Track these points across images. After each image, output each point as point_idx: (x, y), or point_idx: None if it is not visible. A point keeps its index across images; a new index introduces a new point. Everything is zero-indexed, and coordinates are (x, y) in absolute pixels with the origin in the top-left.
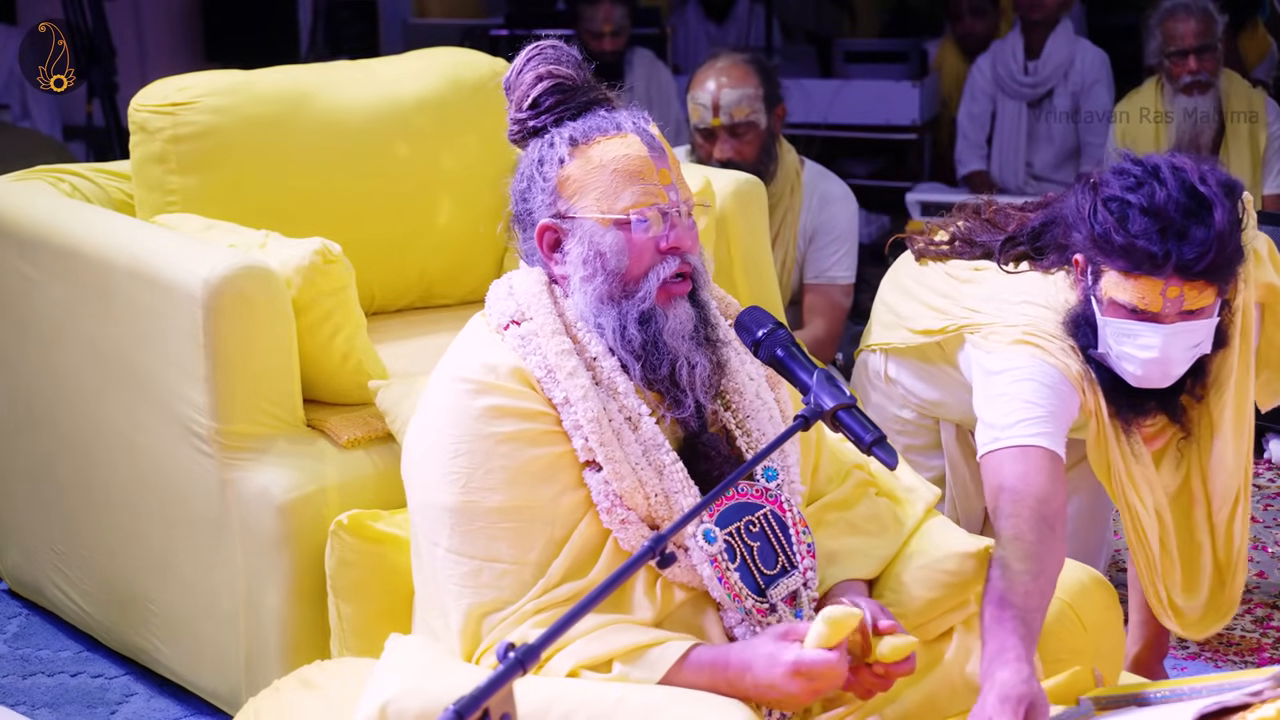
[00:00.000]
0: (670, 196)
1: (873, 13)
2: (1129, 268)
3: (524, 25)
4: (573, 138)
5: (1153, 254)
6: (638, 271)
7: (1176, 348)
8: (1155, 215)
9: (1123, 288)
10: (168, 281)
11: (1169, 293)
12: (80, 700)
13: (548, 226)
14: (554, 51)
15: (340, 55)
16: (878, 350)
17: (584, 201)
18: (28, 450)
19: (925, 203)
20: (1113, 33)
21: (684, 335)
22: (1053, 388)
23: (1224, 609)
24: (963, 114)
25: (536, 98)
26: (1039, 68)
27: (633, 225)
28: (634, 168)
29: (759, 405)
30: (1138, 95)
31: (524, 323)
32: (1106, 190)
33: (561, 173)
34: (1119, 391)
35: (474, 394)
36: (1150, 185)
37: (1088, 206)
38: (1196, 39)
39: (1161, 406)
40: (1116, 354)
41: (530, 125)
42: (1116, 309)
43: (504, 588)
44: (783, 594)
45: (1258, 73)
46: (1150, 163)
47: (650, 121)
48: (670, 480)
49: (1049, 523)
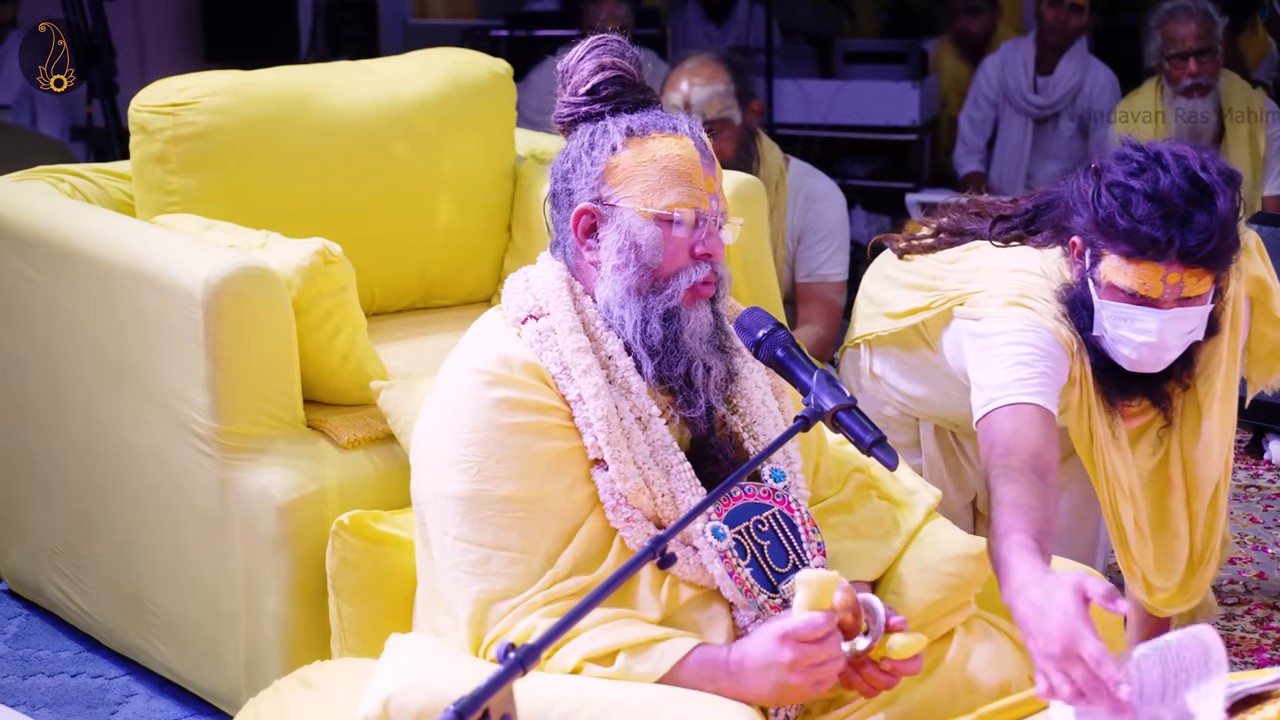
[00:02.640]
0: (711, 205)
1: (872, 13)
2: (1131, 252)
3: (524, 26)
4: (629, 128)
5: (1156, 239)
6: (669, 270)
7: (1172, 333)
8: (1159, 201)
9: (1123, 272)
10: (168, 282)
11: (1169, 279)
12: (80, 700)
13: (586, 210)
14: (619, 46)
15: (340, 55)
16: (860, 344)
17: (629, 191)
18: (28, 450)
19: (925, 204)
20: (1113, 34)
21: (702, 338)
22: (1046, 350)
23: (1192, 593)
24: (964, 118)
25: (595, 85)
26: (1049, 88)
27: (673, 223)
28: (684, 168)
29: (765, 411)
30: (1138, 96)
31: (542, 318)
32: (1109, 175)
33: (612, 159)
34: (1108, 374)
35: (488, 385)
36: (1154, 171)
37: (1090, 190)
38: (1196, 41)
39: (1147, 393)
40: (1112, 337)
41: (584, 110)
42: (1115, 293)
43: (513, 576)
44: (794, 591)
45: (1258, 73)
46: (1153, 149)
47: (704, 130)
48: (677, 480)
49: (1040, 474)
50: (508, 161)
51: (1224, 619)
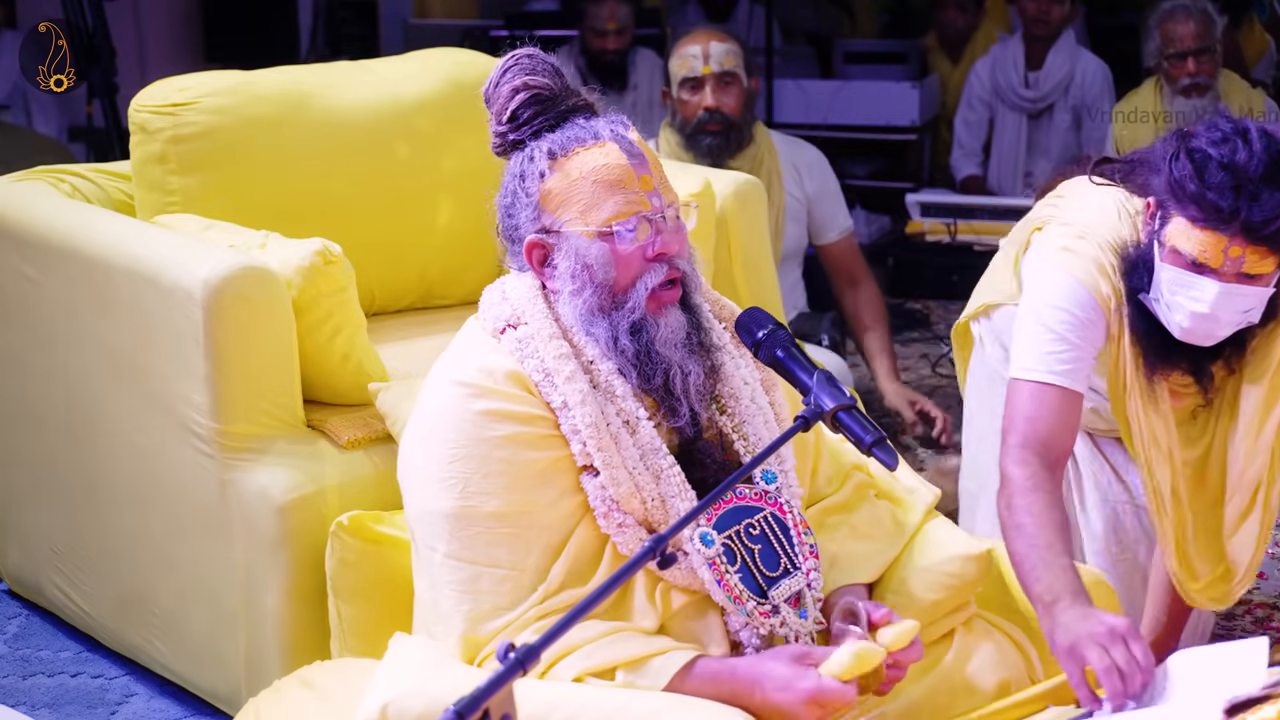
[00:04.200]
0: (653, 203)
1: (872, 13)
2: (1197, 218)
3: (525, 26)
4: (551, 151)
5: (1221, 208)
6: (626, 281)
7: (1227, 308)
8: (1233, 171)
9: (1187, 237)
10: (168, 282)
11: (1231, 251)
12: (80, 700)
13: (535, 243)
14: (530, 61)
15: (340, 55)
16: (978, 319)
17: (567, 215)
18: (28, 450)
19: (925, 203)
20: (1112, 33)
21: (676, 343)
22: (1083, 318)
23: (1219, 598)
24: (959, 121)
25: (514, 110)
26: (1040, 81)
27: (616, 236)
28: (614, 177)
29: (754, 410)
30: (1136, 95)
31: (520, 326)
32: (1194, 141)
33: (543, 187)
34: (1152, 339)
35: (472, 397)
36: (1235, 143)
37: (1171, 152)
38: (1195, 41)
39: (1191, 366)
40: (1167, 302)
41: (510, 139)
42: (1177, 257)
43: (503, 594)
44: (785, 595)
45: (1256, 72)
46: (1243, 124)
47: (629, 127)
48: (667, 485)
49: (1050, 467)
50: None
51: (1224, 619)
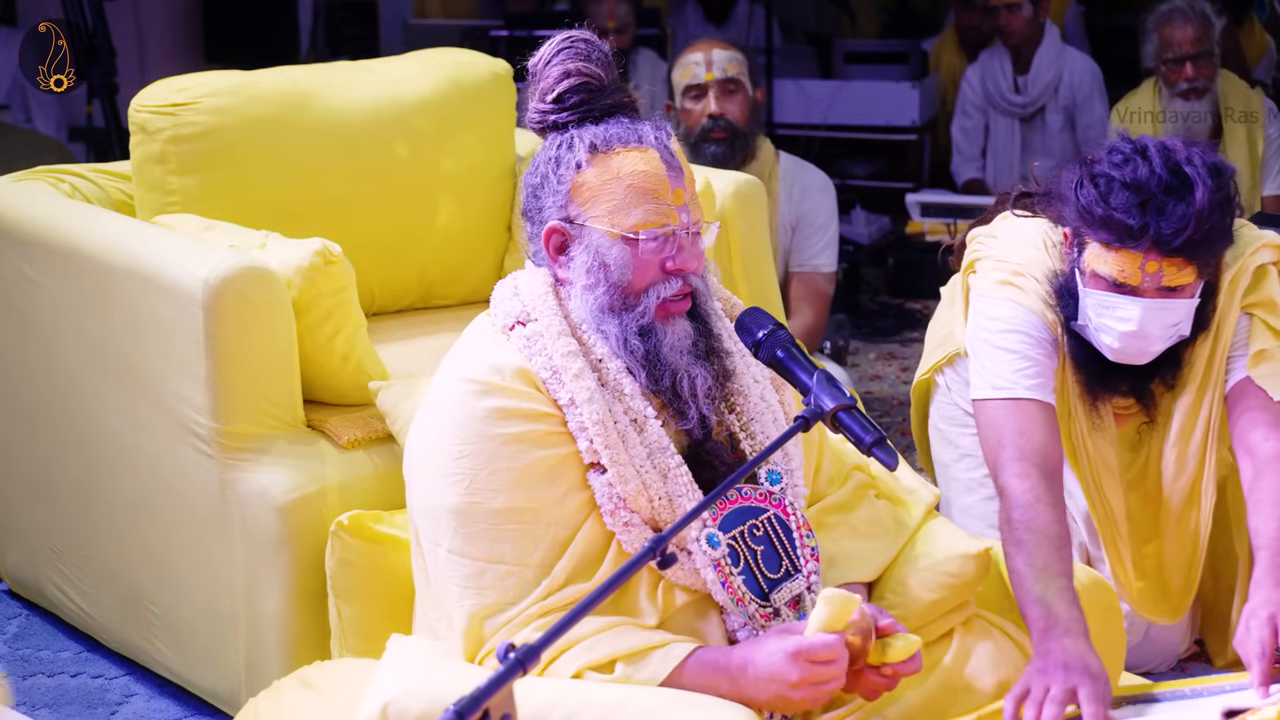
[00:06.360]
0: (681, 218)
1: (872, 13)
2: (1110, 240)
3: (524, 26)
4: (593, 144)
5: (1129, 227)
6: (639, 286)
7: (1154, 323)
8: (1136, 189)
9: (1104, 260)
10: (168, 282)
11: (1148, 267)
12: (80, 700)
13: (556, 229)
14: (585, 47)
15: (340, 55)
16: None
17: (595, 211)
18: (28, 451)
19: (925, 204)
20: (1111, 34)
21: (682, 350)
22: (1038, 339)
23: (1165, 612)
24: (955, 128)
25: (561, 93)
26: (1028, 85)
27: (640, 243)
28: (649, 185)
29: (763, 409)
30: (1136, 96)
31: (529, 323)
32: (1096, 167)
33: (577, 178)
34: (1091, 366)
35: (479, 394)
36: (1135, 162)
37: (1076, 180)
38: (1193, 46)
39: (1132, 388)
40: (1096, 325)
41: (551, 119)
42: (1098, 280)
43: (507, 589)
44: (786, 598)
45: (1256, 73)
46: (1140, 142)
47: (672, 136)
48: (674, 484)
49: (1050, 477)
50: (508, 161)
51: None
